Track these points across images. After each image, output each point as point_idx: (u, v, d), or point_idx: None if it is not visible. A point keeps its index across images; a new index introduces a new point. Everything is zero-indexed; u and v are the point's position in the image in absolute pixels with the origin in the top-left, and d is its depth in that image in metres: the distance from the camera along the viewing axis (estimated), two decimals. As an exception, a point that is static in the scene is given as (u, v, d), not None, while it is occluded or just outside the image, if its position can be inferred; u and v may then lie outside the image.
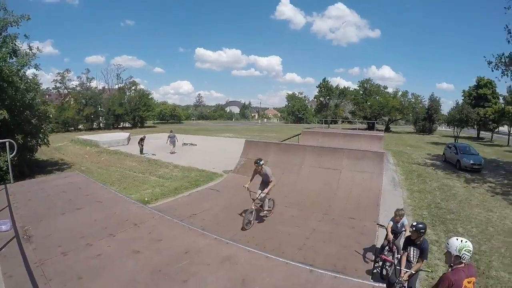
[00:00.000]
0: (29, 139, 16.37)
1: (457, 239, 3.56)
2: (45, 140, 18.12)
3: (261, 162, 8.37)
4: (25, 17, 15.43)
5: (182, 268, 3.44)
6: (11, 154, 7.48)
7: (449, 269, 3.62)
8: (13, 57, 15.18)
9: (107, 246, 3.93)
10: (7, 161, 8.99)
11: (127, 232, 4.37)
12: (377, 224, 7.67)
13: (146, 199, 11.57)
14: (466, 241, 3.52)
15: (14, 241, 3.96)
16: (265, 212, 8.89)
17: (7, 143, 7.33)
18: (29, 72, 16.82)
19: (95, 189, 6.68)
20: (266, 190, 8.34)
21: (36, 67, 16.35)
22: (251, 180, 8.62)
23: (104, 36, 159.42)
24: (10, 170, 7.45)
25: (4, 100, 14.16)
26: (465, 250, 3.46)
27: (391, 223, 6.61)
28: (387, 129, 56.32)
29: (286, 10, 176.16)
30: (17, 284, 3.05)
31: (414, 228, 5.11)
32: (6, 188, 6.42)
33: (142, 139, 23.51)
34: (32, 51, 16.07)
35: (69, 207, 5.37)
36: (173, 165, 18.85)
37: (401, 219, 6.50)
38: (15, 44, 15.18)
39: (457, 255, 3.48)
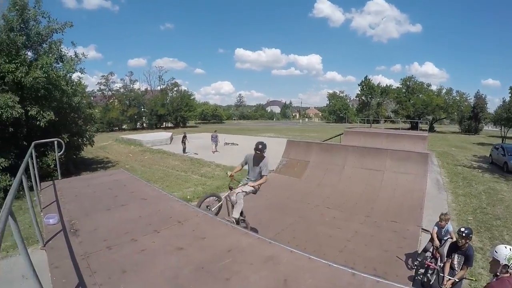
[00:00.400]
0: (75, 138, 17.22)
1: (505, 247, 3.37)
2: (90, 140, 18.99)
3: (264, 150, 6.64)
4: (68, 24, 16.29)
5: (225, 266, 3.40)
6: (59, 152, 7.84)
7: (494, 279, 3.41)
8: (59, 62, 16.00)
9: (151, 242, 3.97)
10: (55, 159, 9.47)
11: (171, 229, 4.40)
12: (421, 228, 7.35)
13: (188, 197, 11.77)
14: None
15: (61, 234, 4.10)
16: (232, 219, 6.24)
17: (55, 142, 7.71)
18: (74, 75, 17.79)
19: (140, 186, 6.84)
20: (253, 184, 6.70)
21: (81, 70, 17.16)
22: (242, 167, 7.14)
23: (145, 39, 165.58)
24: (58, 167, 7.79)
25: (51, 102, 14.94)
26: None
27: (436, 228, 6.35)
28: (431, 129, 54.07)
29: (324, 8, 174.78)
30: (63, 275, 3.12)
31: (464, 234, 4.94)
32: (54, 184, 6.74)
33: (184, 137, 23.98)
34: (78, 57, 16.91)
35: (114, 203, 5.51)
36: (215, 164, 19.14)
37: (446, 224, 6.26)
38: (60, 50, 15.98)
39: (505, 264, 3.27)
